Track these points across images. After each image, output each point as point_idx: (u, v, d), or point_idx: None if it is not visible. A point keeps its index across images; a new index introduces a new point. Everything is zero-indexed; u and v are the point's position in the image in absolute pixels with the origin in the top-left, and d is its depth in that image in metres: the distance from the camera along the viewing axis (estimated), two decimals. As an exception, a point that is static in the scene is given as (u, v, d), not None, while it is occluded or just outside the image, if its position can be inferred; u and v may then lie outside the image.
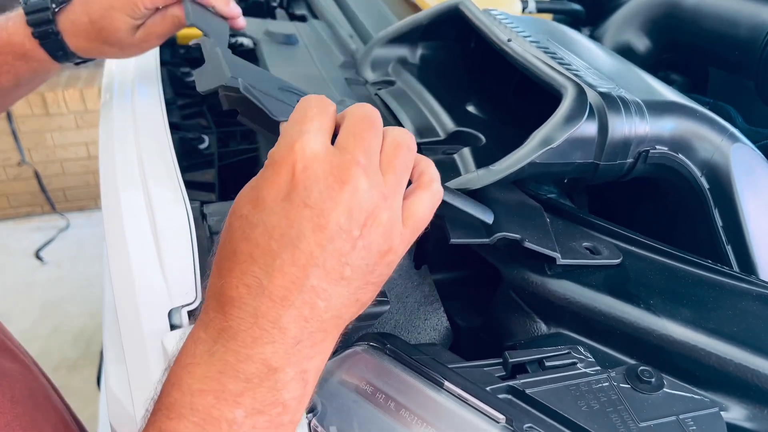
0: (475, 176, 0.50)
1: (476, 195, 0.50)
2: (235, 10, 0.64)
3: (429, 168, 0.39)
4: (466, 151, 0.56)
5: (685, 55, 0.90)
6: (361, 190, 0.33)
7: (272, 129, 0.47)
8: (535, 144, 0.49)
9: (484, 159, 0.53)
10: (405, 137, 0.37)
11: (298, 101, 0.45)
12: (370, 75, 0.73)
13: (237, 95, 0.44)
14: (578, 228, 0.54)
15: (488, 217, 0.48)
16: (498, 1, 0.90)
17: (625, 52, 0.88)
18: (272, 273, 0.32)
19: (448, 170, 0.55)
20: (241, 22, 0.66)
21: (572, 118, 0.49)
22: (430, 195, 0.37)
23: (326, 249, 0.32)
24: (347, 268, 0.33)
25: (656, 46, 0.88)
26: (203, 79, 0.47)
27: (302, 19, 1.05)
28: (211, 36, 0.56)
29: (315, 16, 1.00)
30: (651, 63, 0.89)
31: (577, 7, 1.00)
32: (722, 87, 0.93)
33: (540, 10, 0.96)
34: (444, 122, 0.61)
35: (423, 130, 0.61)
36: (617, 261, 0.51)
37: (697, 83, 0.94)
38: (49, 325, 2.00)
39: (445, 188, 0.48)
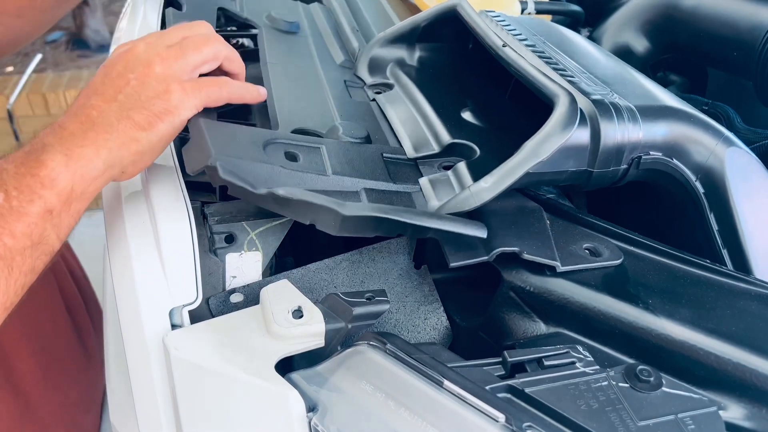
0: (468, 195, 0.50)
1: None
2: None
3: (232, 61, 0.59)
4: (461, 166, 0.55)
5: (684, 55, 0.90)
6: (138, 51, 0.52)
7: (258, 200, 0.48)
8: (525, 156, 0.49)
9: (479, 171, 0.53)
10: (201, 36, 0.56)
11: (284, 153, 0.52)
12: (367, 77, 0.74)
13: None
14: (578, 228, 0.55)
15: (482, 233, 0.48)
16: (497, 3, 0.90)
17: (624, 53, 0.88)
18: (77, 102, 0.51)
19: (446, 187, 0.55)
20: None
21: (563, 128, 0.49)
22: (217, 80, 0.55)
23: (106, 84, 0.51)
24: (121, 95, 0.50)
25: (655, 47, 0.88)
26: (190, 159, 0.50)
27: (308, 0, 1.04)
28: None
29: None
30: (650, 64, 0.89)
31: (576, 8, 1.00)
32: (721, 87, 0.93)
33: (539, 12, 0.97)
34: (439, 134, 0.61)
35: (419, 144, 0.61)
36: (618, 261, 0.51)
37: (695, 84, 0.95)
38: (49, 326, 2.00)
39: (434, 214, 0.49)
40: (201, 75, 0.55)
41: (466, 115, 0.65)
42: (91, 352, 0.93)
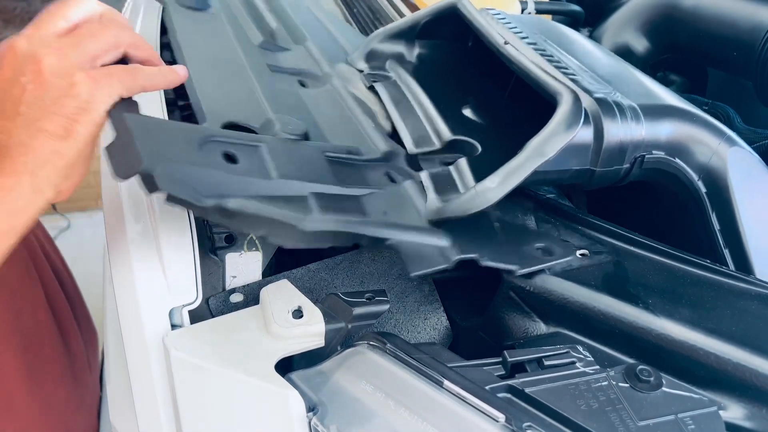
0: (473, 195, 0.49)
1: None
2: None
3: (138, 48, 0.49)
4: (463, 163, 0.54)
5: (684, 55, 0.91)
6: (19, 48, 0.43)
7: (201, 213, 0.43)
8: (530, 154, 0.48)
9: (481, 169, 0.52)
10: (97, 22, 0.47)
11: (222, 154, 0.46)
12: (364, 65, 0.72)
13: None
14: (527, 229, 0.54)
15: (444, 242, 0.48)
16: (497, 2, 0.90)
17: (624, 53, 0.88)
18: None
19: (446, 184, 0.54)
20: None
21: (567, 126, 0.49)
22: (128, 67, 0.47)
23: (0, 98, 0.43)
24: (22, 107, 0.42)
25: (655, 47, 0.88)
26: (117, 162, 0.42)
27: None
28: None
29: None
30: (650, 64, 0.89)
31: (576, 8, 1.00)
32: (721, 87, 0.93)
33: (539, 11, 0.97)
34: (440, 129, 0.60)
35: (420, 140, 0.60)
36: (570, 258, 0.51)
37: (695, 84, 0.95)
38: (49, 326, 2.00)
39: (394, 224, 0.48)
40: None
41: (467, 111, 0.65)
42: (74, 350, 0.92)
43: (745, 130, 0.74)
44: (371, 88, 0.69)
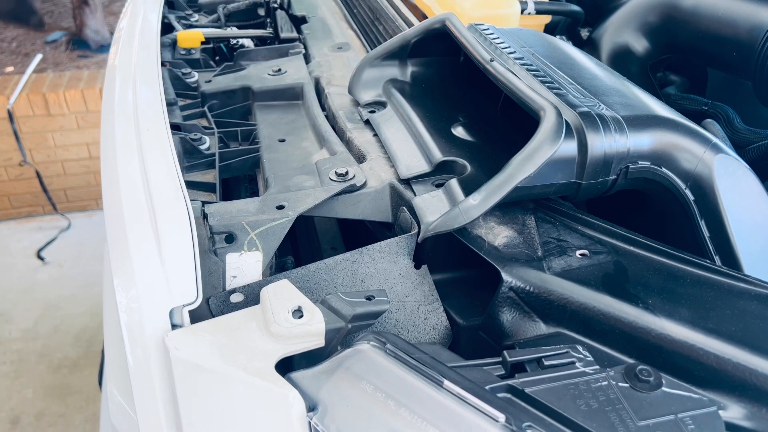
0: (457, 213, 0.51)
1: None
2: None
3: None
4: (453, 183, 0.56)
5: (684, 56, 0.91)
6: None
7: None
8: (512, 171, 0.49)
9: (470, 187, 0.54)
10: None
11: None
12: (362, 96, 0.75)
13: None
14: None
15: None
16: (497, 3, 0.90)
17: (624, 53, 0.88)
18: None
19: (438, 204, 0.56)
20: None
21: (549, 142, 0.50)
22: None
23: None
24: None
25: (655, 48, 0.88)
26: None
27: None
28: None
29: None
30: (649, 64, 0.89)
31: (576, 8, 1.00)
32: (721, 87, 0.93)
33: (539, 12, 0.97)
34: (431, 152, 0.62)
35: (411, 165, 0.63)
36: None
37: (695, 84, 0.95)
38: (50, 325, 2.01)
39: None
40: None
41: (458, 131, 0.67)
42: None
43: (745, 131, 0.74)
44: (367, 122, 0.71)
